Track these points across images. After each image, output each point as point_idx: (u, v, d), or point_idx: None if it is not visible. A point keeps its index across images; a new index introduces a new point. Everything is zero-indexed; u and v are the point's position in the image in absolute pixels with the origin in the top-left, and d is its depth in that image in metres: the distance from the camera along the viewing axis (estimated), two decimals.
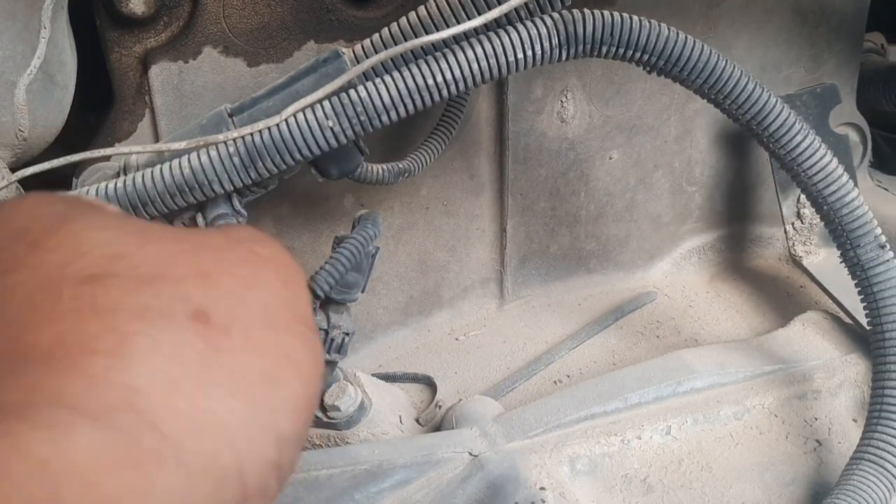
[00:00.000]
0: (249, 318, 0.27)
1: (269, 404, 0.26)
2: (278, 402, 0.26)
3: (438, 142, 0.84)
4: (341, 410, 0.76)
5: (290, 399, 0.27)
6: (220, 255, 0.29)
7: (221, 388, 0.25)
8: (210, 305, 0.26)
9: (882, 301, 0.69)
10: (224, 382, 0.25)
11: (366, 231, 0.73)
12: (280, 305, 0.29)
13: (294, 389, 0.27)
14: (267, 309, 0.28)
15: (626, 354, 0.94)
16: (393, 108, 0.60)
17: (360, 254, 0.72)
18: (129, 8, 0.71)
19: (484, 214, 0.98)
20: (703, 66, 0.64)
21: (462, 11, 0.59)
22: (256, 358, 0.26)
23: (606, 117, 0.96)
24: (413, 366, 0.94)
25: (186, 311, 0.26)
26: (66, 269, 0.25)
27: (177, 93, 0.76)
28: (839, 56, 1.05)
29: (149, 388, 0.23)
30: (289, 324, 0.29)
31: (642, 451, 0.73)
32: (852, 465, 0.66)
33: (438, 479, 0.68)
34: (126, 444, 0.22)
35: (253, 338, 0.27)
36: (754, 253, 1.11)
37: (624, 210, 1.03)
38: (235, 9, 0.75)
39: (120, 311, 0.25)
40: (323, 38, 0.79)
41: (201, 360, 0.25)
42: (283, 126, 0.60)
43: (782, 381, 0.79)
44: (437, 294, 0.99)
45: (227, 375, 0.25)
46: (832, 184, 0.69)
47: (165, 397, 0.23)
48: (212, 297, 0.27)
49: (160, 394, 0.23)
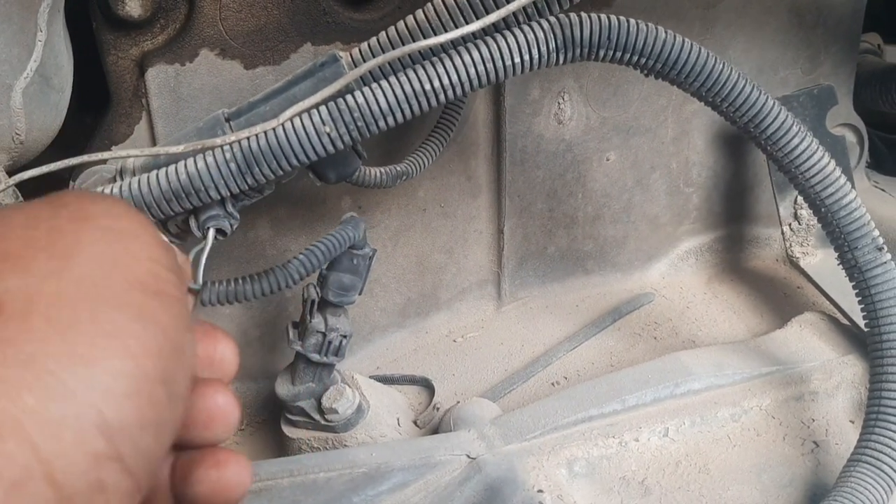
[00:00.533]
0: (59, 296, 0.25)
1: (81, 391, 0.23)
2: (95, 387, 0.24)
3: (436, 144, 0.84)
4: (339, 413, 0.76)
5: (112, 381, 0.24)
6: (33, 230, 0.26)
7: (8, 383, 0.22)
8: (2, 293, 0.24)
9: (880, 303, 0.69)
10: (13, 377, 0.22)
11: (345, 231, 0.73)
12: (106, 274, 0.26)
13: (117, 369, 0.24)
14: (85, 282, 0.25)
15: (624, 356, 0.94)
16: (390, 114, 0.60)
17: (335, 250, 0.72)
18: (125, 10, 0.71)
19: (481, 216, 0.98)
20: (701, 70, 0.64)
21: (460, 15, 0.59)
22: (61, 341, 0.24)
23: (603, 119, 0.96)
24: (411, 368, 0.94)
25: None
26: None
27: (173, 95, 0.76)
28: (836, 57, 1.05)
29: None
30: (116, 294, 0.26)
31: (640, 453, 0.73)
32: (850, 467, 0.66)
33: (436, 482, 0.68)
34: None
35: (60, 319, 0.24)
36: (752, 254, 1.11)
37: (621, 211, 1.03)
38: (232, 11, 0.75)
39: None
40: (320, 41, 0.79)
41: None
42: (280, 131, 0.60)
43: (780, 382, 0.79)
44: (434, 296, 0.99)
45: (19, 367, 0.23)
46: (829, 186, 0.69)
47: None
48: (7, 282, 0.24)
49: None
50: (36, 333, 0.24)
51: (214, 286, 0.70)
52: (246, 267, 0.86)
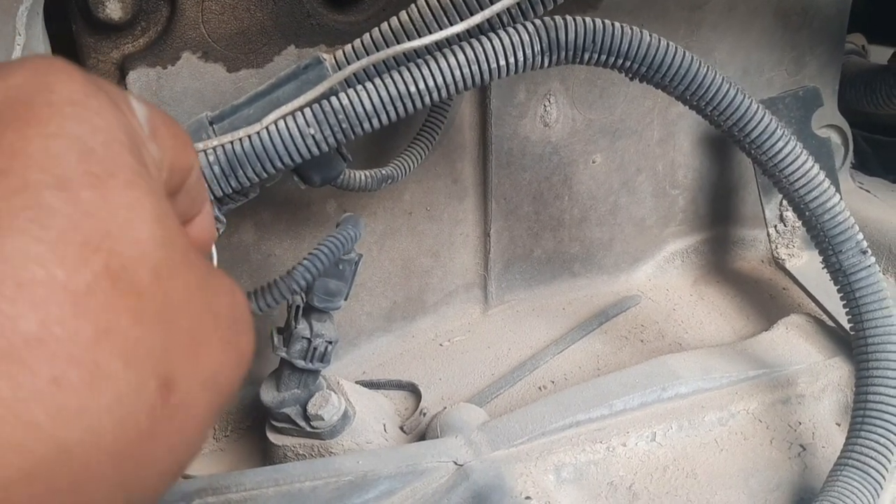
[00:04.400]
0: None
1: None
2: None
3: (422, 147, 0.84)
4: (325, 420, 0.75)
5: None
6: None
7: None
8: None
9: (864, 307, 0.69)
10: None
11: (346, 231, 0.72)
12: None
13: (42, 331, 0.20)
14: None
15: (611, 359, 0.94)
16: (375, 116, 0.60)
17: (339, 252, 0.71)
18: (105, 13, 0.70)
19: (467, 219, 0.97)
20: (685, 74, 0.64)
21: (444, 17, 0.59)
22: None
23: (589, 121, 0.96)
24: (397, 372, 0.94)
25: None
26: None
27: (155, 99, 0.75)
28: (821, 58, 1.06)
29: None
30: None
31: (627, 459, 0.72)
32: (836, 471, 0.66)
33: (423, 489, 0.67)
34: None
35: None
36: (737, 255, 1.11)
37: (607, 213, 1.03)
38: (214, 14, 0.74)
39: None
40: (303, 43, 0.78)
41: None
42: (263, 134, 0.59)
43: (766, 385, 0.79)
44: (420, 300, 0.98)
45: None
46: (814, 190, 0.69)
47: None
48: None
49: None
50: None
51: None
52: (230, 271, 0.84)
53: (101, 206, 0.22)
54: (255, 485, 0.65)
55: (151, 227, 0.23)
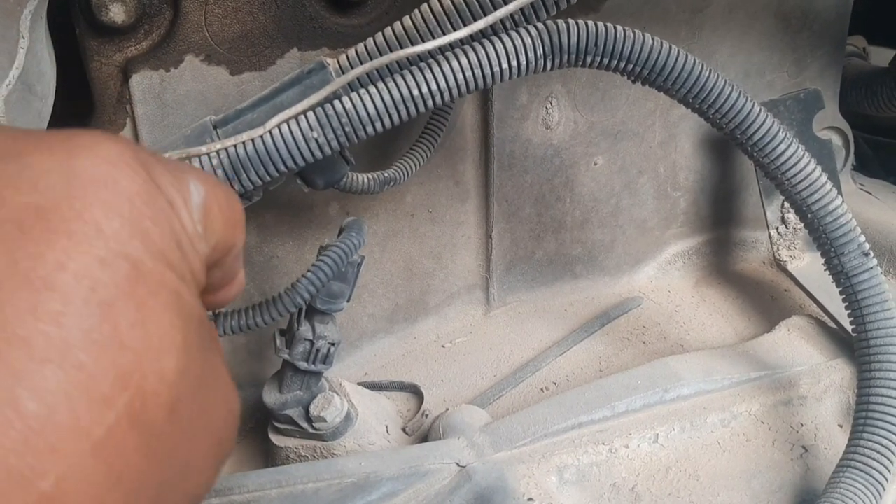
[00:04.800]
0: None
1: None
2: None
3: (424, 150, 0.84)
4: (327, 421, 0.76)
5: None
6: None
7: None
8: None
9: (866, 308, 0.69)
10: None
11: (350, 240, 0.73)
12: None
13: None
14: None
15: (613, 361, 0.94)
16: (378, 119, 0.60)
17: (342, 262, 0.72)
18: (108, 16, 0.70)
19: (469, 221, 0.97)
20: (687, 76, 0.64)
21: (447, 22, 0.59)
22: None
23: (591, 123, 0.96)
24: (399, 374, 0.94)
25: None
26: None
27: (158, 102, 0.76)
28: (822, 60, 1.06)
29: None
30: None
31: (630, 460, 0.73)
32: (839, 473, 0.66)
33: (426, 491, 0.68)
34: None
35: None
36: (739, 257, 1.11)
37: (609, 215, 1.03)
38: (217, 17, 0.74)
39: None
40: (306, 46, 0.79)
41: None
42: (267, 137, 0.59)
43: (768, 387, 0.79)
44: (422, 301, 0.98)
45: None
46: (816, 192, 0.69)
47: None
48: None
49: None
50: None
51: (227, 318, 0.71)
52: None
53: (139, 337, 0.22)
54: (257, 486, 0.65)
55: (178, 358, 0.23)
